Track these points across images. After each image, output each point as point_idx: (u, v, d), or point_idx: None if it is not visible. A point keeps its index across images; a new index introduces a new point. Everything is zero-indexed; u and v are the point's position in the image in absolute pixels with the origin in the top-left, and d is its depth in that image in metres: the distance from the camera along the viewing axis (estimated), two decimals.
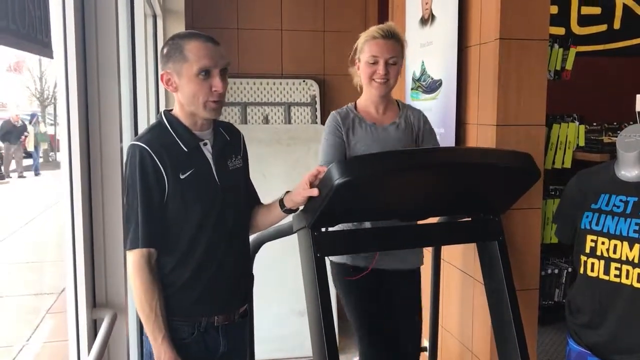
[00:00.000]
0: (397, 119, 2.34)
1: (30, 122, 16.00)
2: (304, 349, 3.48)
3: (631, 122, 3.89)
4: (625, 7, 4.39)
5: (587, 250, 2.06)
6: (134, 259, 1.67)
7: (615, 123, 3.86)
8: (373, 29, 2.27)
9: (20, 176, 14.26)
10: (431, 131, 2.40)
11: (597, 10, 4.34)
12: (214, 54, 1.71)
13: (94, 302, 1.49)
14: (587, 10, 4.30)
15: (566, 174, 2.67)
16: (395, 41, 2.26)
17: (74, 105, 1.40)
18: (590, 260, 2.05)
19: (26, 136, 14.75)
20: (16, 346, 4.42)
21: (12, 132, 14.21)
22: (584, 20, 4.25)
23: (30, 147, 14.92)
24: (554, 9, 3.98)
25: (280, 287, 3.68)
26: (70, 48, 1.38)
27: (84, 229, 1.42)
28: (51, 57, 1.26)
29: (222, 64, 1.73)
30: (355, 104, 2.37)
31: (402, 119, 2.35)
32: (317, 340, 1.93)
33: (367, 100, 2.34)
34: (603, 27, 4.34)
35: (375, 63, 2.24)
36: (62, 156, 1.44)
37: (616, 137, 3.67)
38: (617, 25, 4.37)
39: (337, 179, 1.73)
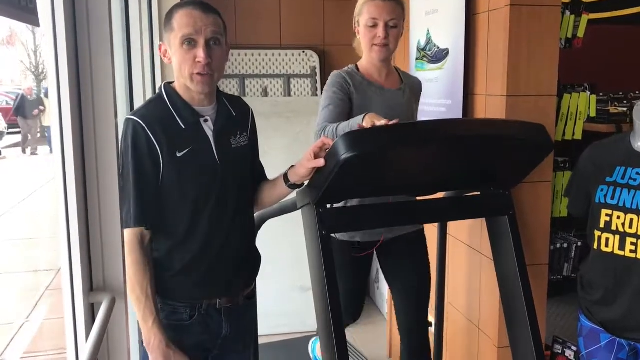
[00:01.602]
0: (403, 85, 2.31)
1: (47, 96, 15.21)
2: (306, 324, 3.45)
3: (638, 92, 3.80)
4: None
5: (602, 225, 1.99)
6: (127, 238, 1.61)
7: (621, 93, 3.75)
8: None
9: (33, 153, 13.77)
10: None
11: None
12: (197, 21, 1.60)
13: (90, 286, 1.41)
14: None
15: (576, 146, 2.59)
16: (395, 3, 2.16)
17: (65, 79, 1.30)
18: (605, 235, 1.99)
19: (41, 110, 14.10)
20: (16, 323, 4.39)
21: (26, 106, 13.70)
22: None
23: (47, 122, 13.81)
24: None
25: (282, 262, 3.64)
26: (59, 16, 1.28)
27: (78, 209, 1.34)
28: (37, 24, 1.17)
29: (209, 32, 1.61)
30: (357, 66, 2.28)
31: (407, 86, 2.32)
32: (323, 319, 1.87)
33: (368, 64, 2.27)
34: None
35: (374, 26, 2.15)
36: (53, 132, 1.35)
37: (622, 107, 3.58)
38: None
39: (343, 154, 1.64)
